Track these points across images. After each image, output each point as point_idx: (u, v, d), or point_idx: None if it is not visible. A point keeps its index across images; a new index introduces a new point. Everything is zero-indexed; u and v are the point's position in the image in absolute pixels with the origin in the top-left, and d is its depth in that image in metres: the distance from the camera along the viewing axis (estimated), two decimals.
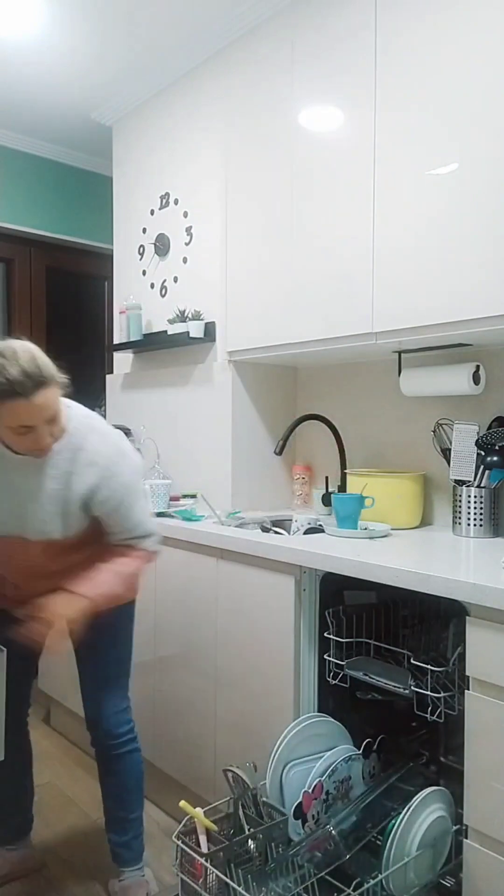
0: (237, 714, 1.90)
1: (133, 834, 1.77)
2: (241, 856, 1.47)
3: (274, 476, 2.55)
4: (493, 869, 1.31)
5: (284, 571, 1.75)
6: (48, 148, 3.39)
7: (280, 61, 2.15)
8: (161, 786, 2.21)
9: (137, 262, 2.88)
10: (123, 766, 1.74)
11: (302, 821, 1.43)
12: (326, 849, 1.42)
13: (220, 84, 2.43)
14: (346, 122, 1.95)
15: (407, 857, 1.39)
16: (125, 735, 1.73)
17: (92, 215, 3.59)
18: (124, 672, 1.76)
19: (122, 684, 1.75)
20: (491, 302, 1.62)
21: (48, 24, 2.39)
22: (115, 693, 1.73)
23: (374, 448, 2.33)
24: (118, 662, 1.75)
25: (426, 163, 1.75)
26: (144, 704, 2.25)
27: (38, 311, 3.50)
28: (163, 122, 2.72)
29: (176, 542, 2.11)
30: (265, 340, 2.23)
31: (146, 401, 2.80)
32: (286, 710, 1.74)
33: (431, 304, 1.75)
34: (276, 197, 2.18)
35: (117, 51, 2.56)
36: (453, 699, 1.50)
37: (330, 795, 1.50)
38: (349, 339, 1.98)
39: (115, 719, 1.71)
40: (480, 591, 1.31)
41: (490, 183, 1.62)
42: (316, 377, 2.54)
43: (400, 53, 1.80)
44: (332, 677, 1.72)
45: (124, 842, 1.76)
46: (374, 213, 1.88)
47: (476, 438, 1.91)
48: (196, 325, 2.46)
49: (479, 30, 1.62)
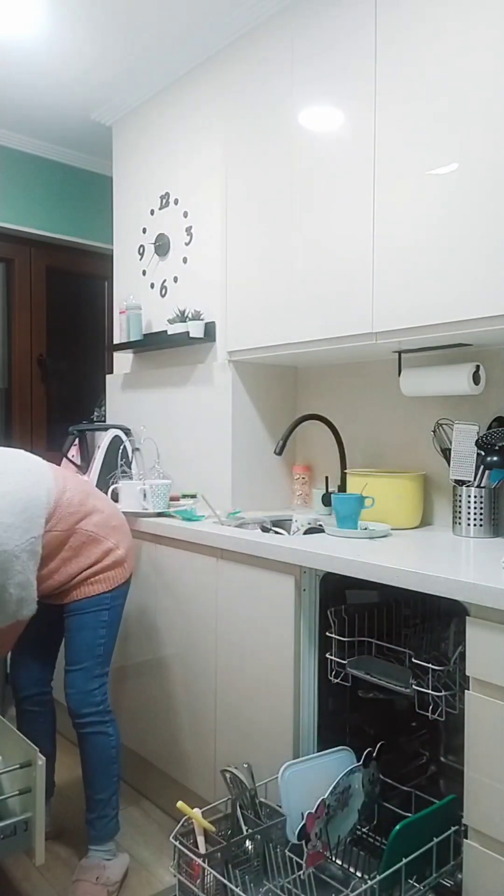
0: (236, 714, 1.90)
1: (98, 814, 1.85)
2: (239, 856, 1.47)
3: (274, 476, 2.55)
4: (493, 869, 1.31)
5: (284, 571, 1.75)
6: (48, 148, 3.39)
7: (280, 61, 2.15)
8: (160, 785, 2.21)
9: (137, 262, 2.88)
10: (87, 745, 1.84)
11: (305, 841, 1.42)
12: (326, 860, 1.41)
13: (220, 84, 2.43)
14: (346, 122, 1.95)
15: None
16: (88, 716, 1.82)
17: (92, 215, 3.59)
18: (93, 656, 1.85)
19: (88, 667, 1.84)
20: (491, 302, 1.62)
21: (48, 24, 2.39)
22: (81, 674, 1.83)
23: (374, 448, 2.33)
24: (88, 647, 1.84)
25: (426, 163, 1.75)
26: (144, 704, 2.25)
27: (38, 311, 3.50)
28: (163, 122, 2.72)
29: (176, 542, 2.10)
30: (265, 340, 2.23)
31: (146, 401, 2.80)
32: (286, 710, 1.74)
33: (431, 304, 1.74)
34: (276, 197, 2.18)
35: (117, 51, 2.56)
36: (454, 698, 1.50)
37: (331, 808, 1.50)
38: (349, 339, 1.98)
39: (77, 698, 1.82)
40: (480, 591, 1.30)
41: (490, 183, 1.62)
42: (316, 377, 2.54)
43: (400, 53, 1.80)
44: (334, 676, 1.71)
45: (89, 819, 1.86)
46: (374, 213, 1.88)
47: (476, 438, 1.90)
48: (196, 325, 2.46)
49: (479, 30, 1.62)
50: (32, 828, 1.59)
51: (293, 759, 1.65)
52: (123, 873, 1.85)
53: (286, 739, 1.74)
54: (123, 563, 1.90)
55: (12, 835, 1.58)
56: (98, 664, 1.85)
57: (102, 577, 1.86)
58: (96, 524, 1.85)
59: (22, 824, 1.59)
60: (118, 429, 2.74)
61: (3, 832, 1.56)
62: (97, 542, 1.85)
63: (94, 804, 1.85)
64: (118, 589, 1.89)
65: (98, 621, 1.86)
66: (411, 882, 1.43)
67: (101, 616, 1.86)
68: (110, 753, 1.86)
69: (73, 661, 1.84)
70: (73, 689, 1.83)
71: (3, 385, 3.41)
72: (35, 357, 3.49)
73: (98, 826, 1.84)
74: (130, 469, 2.67)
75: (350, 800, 1.56)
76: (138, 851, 1.99)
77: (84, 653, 1.84)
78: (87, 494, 1.88)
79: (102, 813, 1.84)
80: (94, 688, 1.84)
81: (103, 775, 1.85)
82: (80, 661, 1.84)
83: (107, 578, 1.86)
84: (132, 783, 2.35)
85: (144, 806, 2.24)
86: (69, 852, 1.98)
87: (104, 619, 1.86)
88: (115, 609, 1.90)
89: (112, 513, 1.93)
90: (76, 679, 1.83)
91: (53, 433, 3.53)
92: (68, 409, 3.61)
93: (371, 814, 1.66)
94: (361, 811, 1.60)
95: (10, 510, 1.62)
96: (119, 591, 1.90)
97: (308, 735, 1.74)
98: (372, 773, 1.62)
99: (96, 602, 1.85)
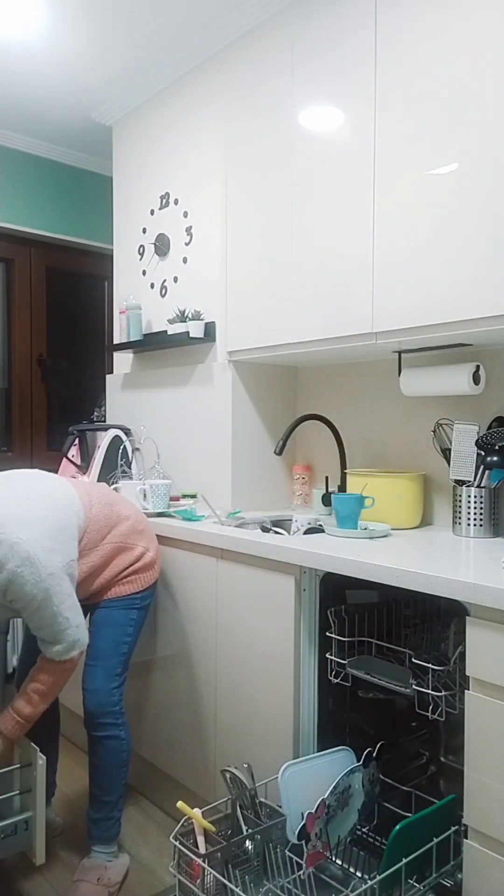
0: (237, 713, 1.90)
1: (103, 815, 1.84)
2: (239, 856, 1.47)
3: (274, 476, 2.55)
4: (493, 869, 1.31)
5: (284, 571, 1.75)
6: (48, 148, 3.39)
7: (280, 61, 2.15)
8: (160, 785, 2.21)
9: (137, 262, 2.88)
10: (100, 747, 1.83)
11: (306, 841, 1.42)
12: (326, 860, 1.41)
13: (221, 84, 2.43)
14: (346, 122, 1.95)
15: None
16: (105, 716, 1.81)
17: (92, 215, 3.59)
18: (118, 654, 1.85)
19: (111, 664, 1.84)
20: (491, 302, 1.62)
21: (49, 24, 2.39)
22: (103, 670, 1.82)
23: (374, 448, 2.33)
24: (114, 643, 1.85)
25: (426, 163, 1.75)
26: (144, 704, 2.25)
27: (38, 311, 3.50)
28: (163, 122, 2.72)
29: (176, 542, 2.11)
30: (265, 340, 2.23)
31: (146, 401, 2.80)
32: (286, 710, 1.74)
33: (431, 304, 1.74)
34: (277, 197, 2.18)
35: (117, 51, 2.56)
36: (454, 698, 1.50)
37: (331, 808, 1.50)
38: (349, 339, 1.98)
39: (96, 697, 1.80)
40: (480, 591, 1.30)
41: (490, 183, 1.62)
42: (316, 377, 2.54)
43: (400, 53, 1.80)
44: (334, 676, 1.71)
45: (94, 819, 1.85)
46: (374, 213, 1.88)
47: (476, 438, 1.90)
48: (196, 325, 2.46)
49: (479, 30, 1.62)
50: (33, 827, 1.60)
51: (293, 759, 1.65)
52: (124, 874, 1.85)
53: (286, 739, 1.74)
54: (153, 566, 1.95)
55: (13, 834, 1.58)
56: (120, 663, 1.86)
57: (134, 578, 1.89)
58: (124, 533, 1.88)
59: (22, 824, 1.59)
60: (118, 429, 2.74)
61: (3, 832, 1.56)
62: (128, 549, 1.88)
63: (101, 805, 1.84)
64: (147, 590, 1.93)
65: (128, 619, 1.87)
66: (411, 882, 1.43)
67: (130, 615, 1.88)
68: (122, 757, 1.85)
69: (97, 657, 1.83)
70: (94, 684, 1.81)
71: (3, 385, 3.41)
72: (35, 357, 3.48)
73: (103, 827, 1.84)
74: (130, 469, 2.67)
75: (350, 800, 1.56)
76: (138, 851, 1.99)
77: (109, 648, 1.84)
78: (111, 504, 1.89)
79: (108, 815, 1.84)
80: (113, 686, 1.83)
81: (113, 778, 1.84)
82: (104, 656, 1.83)
83: (138, 579, 1.90)
84: (132, 783, 2.34)
85: (144, 806, 2.24)
86: (69, 852, 1.98)
87: (133, 618, 1.89)
88: (144, 610, 1.93)
89: (137, 518, 1.96)
90: (97, 674, 1.82)
91: (53, 433, 3.53)
92: (68, 409, 3.61)
93: (371, 814, 1.66)
94: (361, 811, 1.60)
95: (49, 535, 1.62)
96: (148, 592, 1.93)
97: (308, 735, 1.74)
98: (372, 773, 1.62)
99: (128, 602, 1.88)
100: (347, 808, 1.56)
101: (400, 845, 1.40)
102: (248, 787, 1.52)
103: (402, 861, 1.39)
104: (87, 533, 1.78)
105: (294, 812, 1.51)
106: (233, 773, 1.53)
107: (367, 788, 1.60)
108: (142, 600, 1.91)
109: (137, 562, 1.90)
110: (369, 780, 1.61)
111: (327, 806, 1.48)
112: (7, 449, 3.39)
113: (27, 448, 3.43)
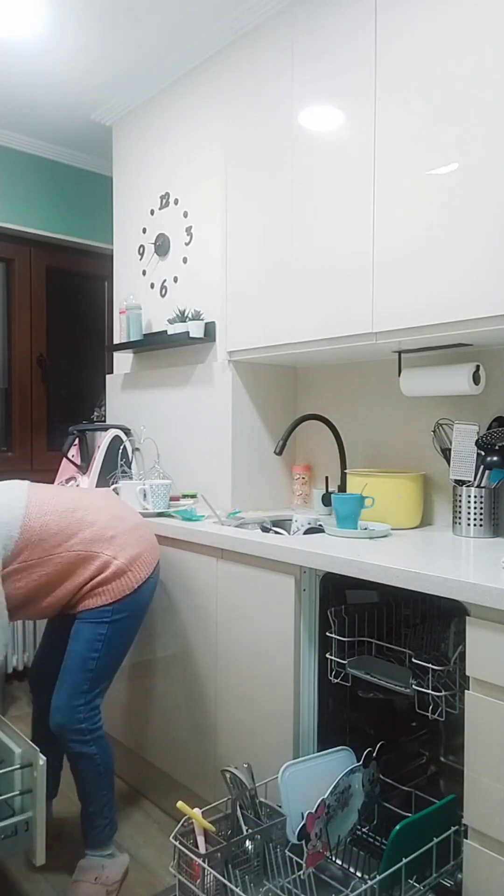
0: (237, 713, 1.90)
1: (90, 824, 1.84)
2: (239, 856, 1.47)
3: (274, 476, 2.55)
4: (493, 869, 1.31)
5: (284, 571, 1.75)
6: (48, 148, 3.39)
7: (280, 61, 2.15)
8: (160, 785, 2.21)
9: (137, 262, 2.88)
10: (71, 762, 1.82)
11: (306, 841, 1.42)
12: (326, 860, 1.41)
13: (221, 84, 2.43)
14: (346, 122, 1.95)
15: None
16: (68, 733, 1.77)
17: (92, 215, 3.59)
18: (83, 670, 1.79)
19: (76, 681, 1.78)
20: (491, 302, 1.62)
21: (49, 24, 2.39)
22: (67, 687, 1.78)
23: (374, 448, 2.33)
24: (80, 660, 1.79)
25: (426, 163, 1.75)
26: (144, 704, 2.25)
27: (38, 311, 3.50)
28: (163, 122, 2.72)
29: (176, 542, 2.11)
30: (265, 340, 2.23)
31: (146, 401, 2.80)
32: (286, 710, 1.74)
33: (431, 304, 1.74)
34: (277, 197, 2.18)
35: (117, 51, 2.56)
36: (454, 698, 1.50)
37: (331, 808, 1.50)
38: (349, 339, 1.98)
39: (59, 713, 1.77)
40: (480, 591, 1.30)
41: (490, 183, 1.62)
42: (316, 377, 2.54)
43: (400, 53, 1.80)
44: (334, 676, 1.71)
45: (84, 825, 1.85)
46: (374, 213, 1.88)
47: (476, 438, 1.90)
48: (196, 325, 2.46)
49: (479, 30, 1.62)
50: (33, 828, 1.60)
51: (293, 759, 1.66)
52: (123, 873, 1.85)
53: (286, 739, 1.74)
54: (126, 573, 1.82)
55: (13, 835, 1.58)
56: (86, 679, 1.79)
57: (102, 589, 1.80)
58: (87, 540, 1.80)
59: (23, 824, 1.59)
60: (118, 429, 2.74)
61: (3, 832, 1.56)
62: (91, 558, 1.80)
63: (86, 815, 1.84)
64: (121, 602, 1.82)
65: (95, 634, 1.80)
66: (411, 882, 1.43)
67: (98, 629, 1.80)
68: (96, 770, 1.81)
69: (63, 672, 1.80)
70: (57, 701, 1.78)
71: (3, 385, 3.41)
72: (35, 357, 3.48)
73: (91, 834, 1.84)
74: (130, 469, 2.67)
75: (350, 800, 1.56)
76: (138, 851, 1.99)
77: (76, 665, 1.79)
78: (75, 511, 1.82)
79: (94, 823, 1.83)
80: (77, 704, 1.77)
81: (91, 790, 1.82)
82: (70, 672, 1.79)
83: (107, 591, 1.80)
84: (132, 783, 2.35)
85: (144, 806, 2.24)
86: (69, 852, 1.98)
87: (101, 633, 1.80)
88: (117, 623, 1.82)
89: (107, 524, 1.85)
90: (61, 690, 1.79)
91: (53, 433, 3.53)
92: (68, 409, 3.61)
93: (371, 814, 1.66)
94: (361, 811, 1.60)
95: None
96: (123, 603, 1.82)
97: (308, 735, 1.74)
98: (372, 773, 1.62)
99: (97, 615, 1.80)
100: (347, 808, 1.56)
101: (400, 845, 1.40)
102: (248, 787, 1.52)
103: (402, 861, 1.39)
104: (30, 542, 1.72)
105: (294, 812, 1.51)
106: (233, 773, 1.53)
107: (367, 788, 1.60)
108: (113, 613, 1.81)
109: (102, 572, 1.80)
110: (369, 780, 1.61)
111: (327, 806, 1.48)
112: (7, 449, 3.39)
113: (27, 448, 3.43)
